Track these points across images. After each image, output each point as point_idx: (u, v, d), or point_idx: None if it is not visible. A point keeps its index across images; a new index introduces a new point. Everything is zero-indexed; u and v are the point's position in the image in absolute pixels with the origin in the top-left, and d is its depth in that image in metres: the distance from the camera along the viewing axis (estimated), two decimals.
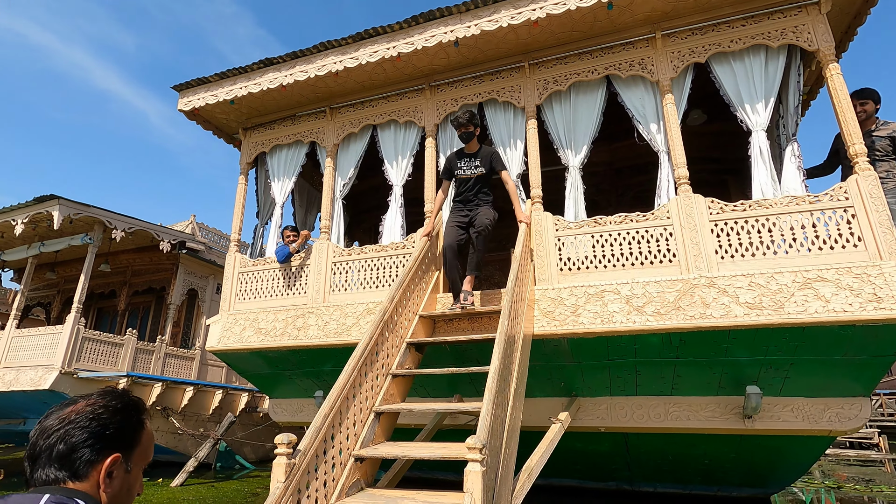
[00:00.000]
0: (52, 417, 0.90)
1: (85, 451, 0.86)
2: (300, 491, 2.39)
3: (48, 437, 0.86)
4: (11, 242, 9.90)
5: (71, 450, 0.86)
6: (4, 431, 9.95)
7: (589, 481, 6.44)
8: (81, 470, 0.86)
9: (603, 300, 3.76)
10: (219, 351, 5.10)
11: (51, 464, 0.85)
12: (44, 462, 0.86)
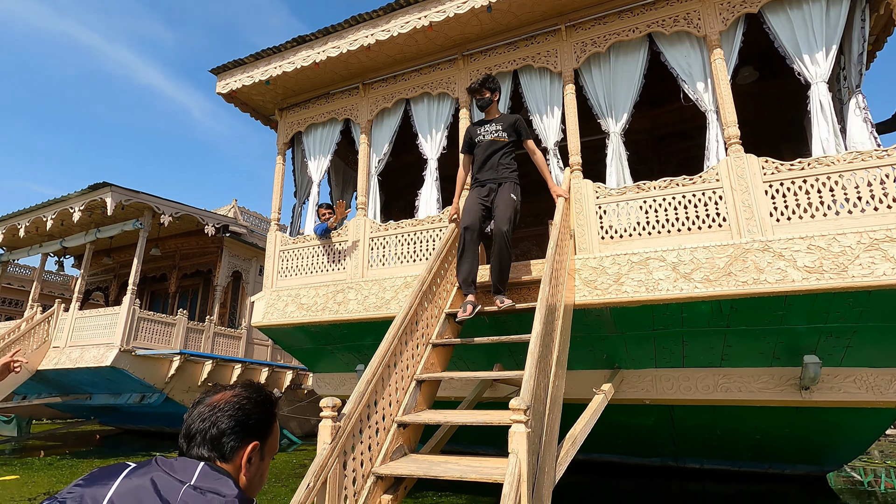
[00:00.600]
0: (203, 404, 1.05)
1: (231, 437, 1.00)
2: (346, 453, 2.43)
3: (203, 422, 1.01)
4: (70, 229, 10.50)
5: (220, 434, 1.00)
6: (73, 406, 10.71)
7: (632, 457, 6.34)
8: (228, 454, 1.00)
9: (647, 268, 3.63)
10: (263, 326, 5.26)
11: (204, 444, 0.99)
12: (198, 442, 1.00)
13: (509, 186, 3.64)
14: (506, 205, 3.56)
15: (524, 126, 3.80)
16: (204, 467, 0.93)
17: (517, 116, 3.82)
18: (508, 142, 3.75)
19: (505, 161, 3.72)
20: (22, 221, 10.10)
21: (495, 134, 3.76)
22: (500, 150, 3.72)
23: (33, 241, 11.33)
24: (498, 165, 3.71)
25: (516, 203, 3.60)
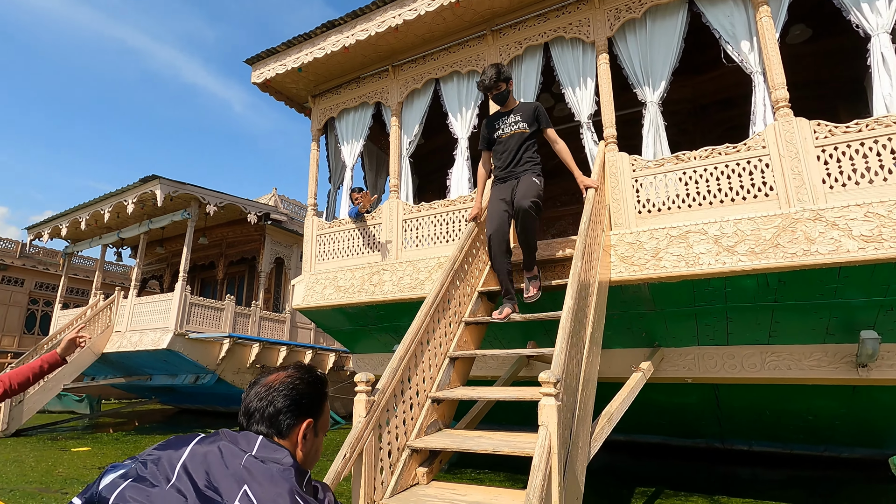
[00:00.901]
0: (259, 384, 1.12)
1: (287, 415, 1.08)
2: (381, 426, 2.49)
3: (260, 401, 1.09)
4: (126, 221, 11.12)
5: (277, 412, 1.07)
6: (136, 386, 11.47)
7: (675, 438, 6.20)
8: (285, 430, 1.07)
9: (687, 242, 3.48)
10: (303, 308, 5.43)
11: (262, 422, 1.07)
12: (257, 419, 1.08)
13: (531, 174, 3.46)
14: (528, 185, 3.38)
15: (544, 114, 3.58)
16: (263, 440, 1.03)
17: (536, 104, 3.62)
18: (530, 132, 3.54)
19: (528, 155, 3.51)
20: (83, 215, 10.77)
21: (515, 126, 3.55)
22: (523, 144, 3.51)
23: (94, 234, 12.08)
24: (520, 160, 3.50)
25: (539, 187, 3.40)
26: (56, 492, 4.64)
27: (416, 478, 2.65)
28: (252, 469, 0.96)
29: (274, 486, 0.94)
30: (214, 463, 0.96)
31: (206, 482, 0.93)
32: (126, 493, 0.91)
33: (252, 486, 0.93)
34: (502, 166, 3.58)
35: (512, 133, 3.56)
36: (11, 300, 17.56)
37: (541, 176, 3.48)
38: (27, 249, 18.55)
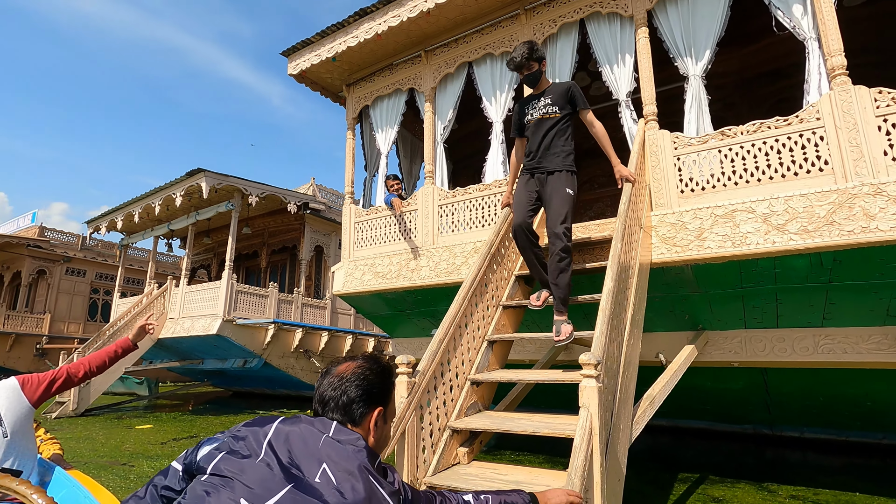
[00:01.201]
0: (331, 374, 1.21)
1: (360, 404, 1.17)
2: (422, 407, 2.56)
3: (333, 390, 1.17)
4: (175, 213, 11.66)
5: (350, 402, 1.16)
6: (189, 370, 12.13)
7: (721, 423, 6.05)
8: (358, 419, 1.17)
9: (734, 221, 3.35)
10: (343, 294, 5.58)
11: (336, 410, 1.16)
12: (331, 408, 1.17)
13: (563, 178, 3.07)
14: (560, 200, 3.00)
15: (579, 94, 3.19)
16: (337, 425, 1.13)
17: (570, 83, 3.24)
18: (561, 116, 3.16)
19: (558, 142, 3.14)
20: (136, 208, 11.36)
21: (545, 110, 3.19)
22: (553, 129, 3.15)
23: (146, 226, 12.74)
24: (549, 149, 3.15)
25: (572, 198, 3.03)
26: (124, 465, 5.01)
27: (457, 457, 2.71)
28: (329, 450, 1.05)
29: (348, 466, 1.03)
30: (296, 443, 1.05)
31: (288, 459, 1.03)
32: (221, 464, 1.03)
33: (329, 465, 1.03)
34: (530, 155, 3.27)
35: (541, 118, 3.21)
36: (75, 290, 18.81)
37: (573, 173, 3.12)
38: (87, 242, 19.77)
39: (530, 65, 3.19)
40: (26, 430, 2.11)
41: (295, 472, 1.01)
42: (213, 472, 1.03)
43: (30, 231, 19.42)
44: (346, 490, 1.00)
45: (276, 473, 1.01)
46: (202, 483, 1.03)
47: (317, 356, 10.44)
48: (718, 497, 3.86)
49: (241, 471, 1.01)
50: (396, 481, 1.14)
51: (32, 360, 16.74)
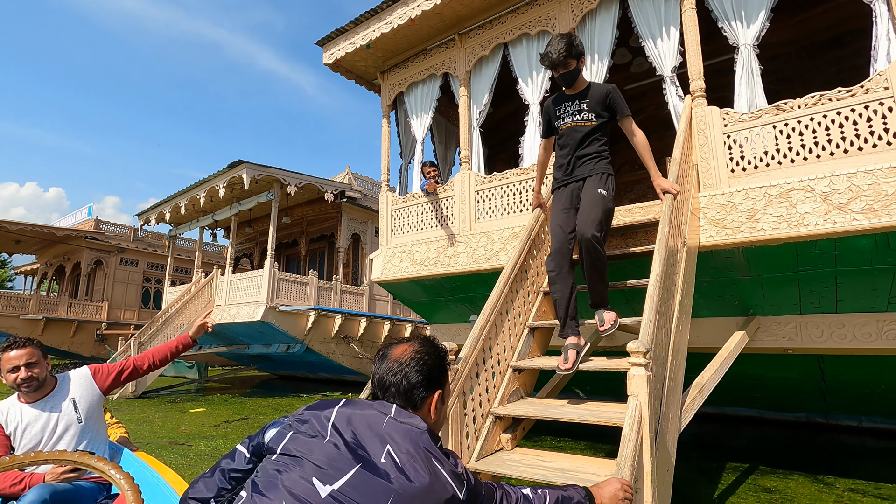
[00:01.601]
0: (389, 359, 1.23)
1: (421, 389, 1.20)
2: (465, 393, 2.56)
3: (394, 375, 1.20)
4: (219, 205, 12.07)
5: (412, 387, 1.19)
6: (236, 355, 12.64)
7: (771, 411, 5.84)
8: (418, 402, 1.21)
9: (790, 200, 3.17)
10: (382, 281, 5.65)
11: (398, 396, 1.19)
12: (392, 393, 1.20)
13: (596, 179, 2.82)
14: (591, 202, 2.73)
15: (620, 100, 2.88)
16: (397, 407, 1.16)
17: (609, 87, 2.91)
18: (598, 125, 2.86)
19: (592, 151, 2.87)
20: (182, 200, 11.82)
21: (578, 116, 2.88)
22: (588, 139, 2.86)
23: (192, 217, 13.25)
24: (583, 159, 2.87)
25: (606, 199, 2.76)
26: (182, 445, 5.29)
27: (500, 443, 2.72)
28: (392, 432, 1.08)
29: (411, 448, 1.06)
30: (359, 425, 1.09)
31: (353, 439, 1.06)
32: (290, 444, 1.07)
33: (393, 446, 1.06)
34: (561, 167, 2.96)
35: (573, 125, 2.90)
36: (129, 279, 19.87)
37: (610, 176, 2.85)
38: (138, 234, 20.78)
39: (567, 63, 2.81)
40: (98, 416, 2.26)
41: (361, 452, 1.04)
42: (282, 452, 1.07)
43: (86, 224, 20.58)
44: (409, 472, 1.02)
45: (344, 453, 1.04)
46: (273, 462, 1.06)
47: (356, 341, 10.68)
48: (770, 487, 3.73)
49: (309, 450, 1.04)
50: (459, 465, 1.15)
51: (94, 345, 17.86)
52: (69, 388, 2.20)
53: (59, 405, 2.15)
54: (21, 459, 1.32)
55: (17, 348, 2.08)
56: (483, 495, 1.17)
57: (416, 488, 1.01)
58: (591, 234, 2.66)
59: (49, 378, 2.18)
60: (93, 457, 1.34)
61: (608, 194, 2.78)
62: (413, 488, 1.01)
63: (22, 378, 2.06)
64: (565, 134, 2.95)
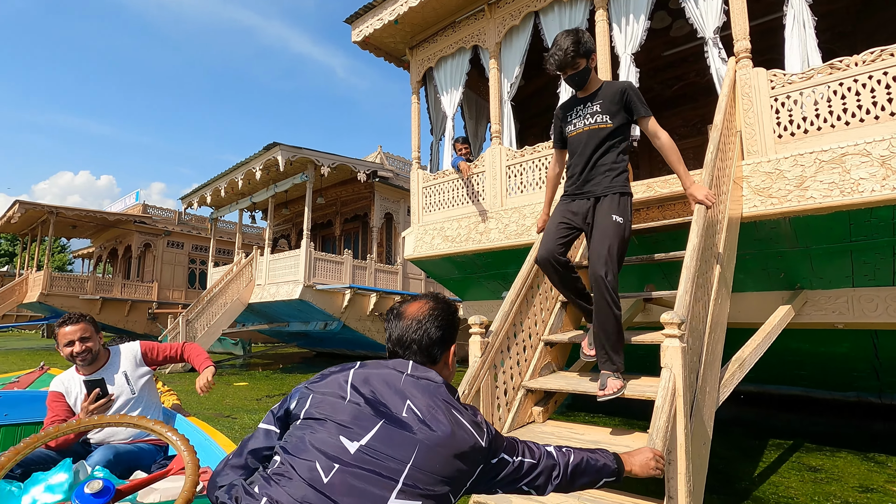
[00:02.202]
0: (405, 318, 1.26)
1: (440, 344, 1.24)
2: (496, 366, 2.57)
3: (414, 333, 1.23)
4: (256, 187, 12.38)
5: (432, 344, 1.23)
6: (277, 332, 13.10)
7: (819, 390, 5.60)
8: (437, 357, 1.25)
9: (843, 166, 2.97)
10: (414, 259, 5.69)
11: (420, 352, 1.23)
12: (414, 350, 1.23)
13: (611, 202, 2.45)
14: (603, 233, 2.40)
15: (638, 98, 2.52)
16: (413, 363, 1.19)
17: (625, 84, 2.56)
18: (615, 127, 2.52)
19: (607, 161, 2.52)
20: (221, 184, 12.19)
21: (591, 119, 2.55)
22: (604, 145, 2.53)
23: (231, 200, 13.66)
24: (596, 168, 2.53)
25: (623, 228, 2.41)
26: (227, 417, 5.58)
27: (531, 416, 2.73)
28: (411, 387, 1.12)
29: (431, 401, 1.10)
30: (377, 383, 1.12)
31: (373, 397, 1.09)
32: (312, 409, 1.10)
33: (413, 400, 1.09)
34: (572, 178, 2.63)
35: (588, 129, 2.56)
36: (176, 261, 20.80)
37: (627, 196, 2.51)
38: (183, 217, 21.65)
39: (576, 63, 2.47)
40: (150, 387, 2.42)
41: (382, 408, 1.07)
42: (306, 417, 1.09)
43: (135, 209, 21.59)
44: (431, 423, 1.06)
45: (366, 411, 1.07)
46: (298, 427, 1.09)
47: None
48: (816, 466, 3.61)
49: (333, 412, 1.07)
50: (479, 416, 1.17)
51: (146, 323, 18.91)
52: (120, 362, 2.35)
53: (112, 377, 2.29)
54: (86, 422, 1.43)
55: (71, 324, 2.22)
56: (504, 446, 1.19)
57: (440, 437, 1.05)
58: (603, 273, 2.32)
59: (102, 351, 2.33)
60: (149, 420, 1.45)
61: (624, 221, 2.43)
62: (437, 437, 1.04)
63: (76, 351, 2.20)
64: (577, 140, 2.62)
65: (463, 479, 1.08)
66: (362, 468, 1.00)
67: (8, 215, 17.40)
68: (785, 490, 3.14)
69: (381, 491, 0.98)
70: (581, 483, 1.30)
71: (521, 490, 1.23)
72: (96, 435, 2.22)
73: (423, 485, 1.01)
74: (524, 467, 1.20)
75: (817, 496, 3.02)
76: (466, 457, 1.07)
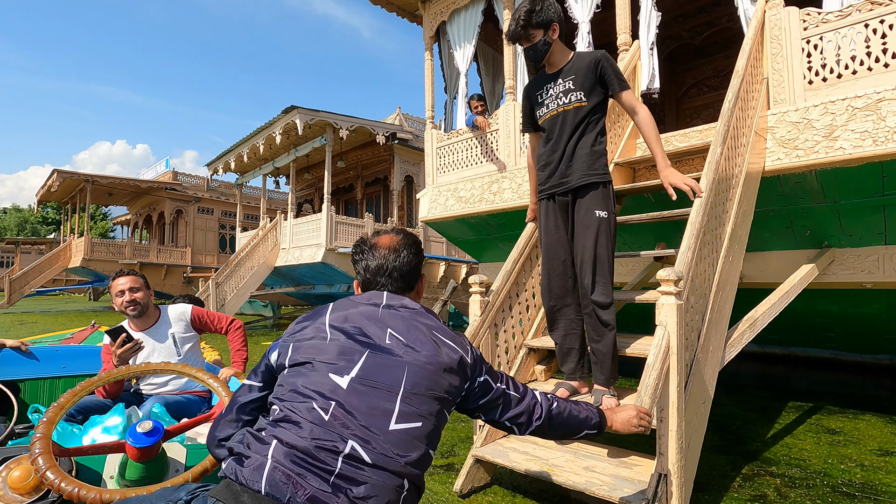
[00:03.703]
0: (381, 247, 1.29)
1: (416, 272, 1.30)
2: (496, 325, 2.56)
3: (394, 261, 1.27)
4: (277, 152, 12.46)
5: (412, 269, 1.28)
6: (303, 294, 13.46)
7: (848, 353, 5.42)
8: (413, 284, 1.30)
9: (878, 113, 2.74)
10: (429, 220, 5.66)
11: (400, 278, 1.27)
12: (395, 277, 1.27)
13: (593, 196, 2.19)
14: (587, 233, 2.17)
15: (612, 69, 2.22)
16: (388, 294, 1.22)
17: (597, 55, 2.23)
18: (591, 106, 2.22)
19: (585, 144, 2.22)
20: (243, 149, 12.32)
21: (565, 99, 2.25)
22: (579, 127, 2.23)
23: (255, 165, 13.83)
24: (575, 155, 2.23)
25: (608, 222, 2.18)
26: None
27: (534, 374, 2.73)
28: (387, 317, 1.15)
29: (410, 325, 1.14)
30: (356, 318, 1.14)
31: (354, 330, 1.12)
32: (297, 355, 1.12)
33: (393, 327, 1.13)
34: (547, 166, 2.33)
35: (560, 110, 2.27)
36: (207, 226, 21.42)
37: (608, 185, 2.24)
38: (210, 184, 22.11)
39: (529, 34, 2.19)
40: (195, 348, 2.55)
41: (365, 339, 1.10)
42: (292, 364, 1.11)
43: (165, 176, 22.15)
44: (415, 345, 1.10)
45: (350, 345, 1.09)
46: (287, 376, 1.10)
47: None
48: (835, 428, 3.52)
49: (317, 353, 1.09)
50: (460, 335, 1.21)
51: (182, 286, 19.73)
52: (170, 322, 2.47)
53: (161, 336, 2.42)
54: (135, 369, 1.61)
55: (123, 276, 2.38)
56: (488, 369, 1.23)
57: (426, 356, 1.09)
58: (590, 280, 2.13)
59: (153, 310, 2.45)
60: (194, 368, 1.63)
61: (609, 214, 2.19)
62: (423, 357, 1.08)
63: (127, 301, 2.32)
64: (551, 124, 2.32)
65: (454, 395, 1.12)
66: (359, 399, 1.02)
67: (48, 184, 18.15)
68: (798, 452, 3.08)
69: (381, 419, 1.00)
70: (562, 431, 1.30)
71: (504, 425, 1.26)
72: (147, 387, 2.38)
73: (419, 405, 1.04)
74: (508, 397, 1.24)
75: (831, 458, 2.95)
76: (454, 372, 1.11)
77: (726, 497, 2.37)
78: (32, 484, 1.28)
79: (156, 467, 1.39)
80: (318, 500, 0.91)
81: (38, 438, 1.23)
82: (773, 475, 2.68)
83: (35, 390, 2.63)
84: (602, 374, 2.22)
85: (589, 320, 2.23)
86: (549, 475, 2.00)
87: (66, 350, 2.86)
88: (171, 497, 1.03)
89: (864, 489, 2.52)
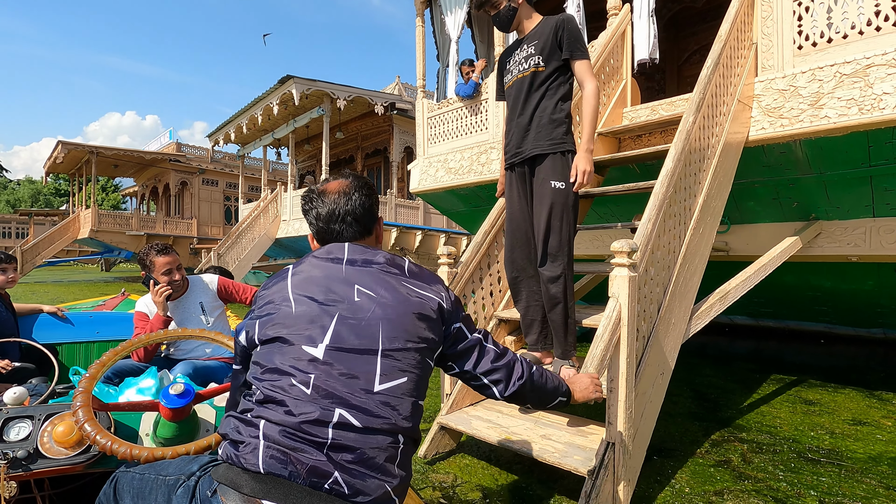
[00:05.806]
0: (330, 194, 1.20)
1: (370, 215, 1.22)
2: (466, 296, 2.58)
3: (346, 204, 1.19)
4: (277, 123, 12.36)
5: (366, 211, 1.21)
6: None
7: (841, 326, 5.39)
8: (371, 227, 1.23)
9: (866, 79, 2.63)
10: (419, 192, 5.63)
11: (355, 223, 1.19)
12: (349, 222, 1.19)
13: (552, 164, 2.14)
14: (545, 203, 2.13)
15: (573, 31, 2.14)
16: (349, 246, 1.14)
17: (561, 18, 2.18)
18: (551, 72, 2.17)
19: (543, 112, 2.17)
20: (242, 120, 12.23)
21: (525, 65, 2.22)
22: (537, 91, 2.18)
23: (255, 136, 13.75)
24: (528, 124, 2.20)
25: (566, 193, 2.12)
26: None
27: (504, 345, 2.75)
28: (354, 274, 1.09)
29: (378, 278, 1.08)
30: (319, 280, 1.08)
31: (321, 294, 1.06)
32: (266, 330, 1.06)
33: (360, 284, 1.07)
34: (508, 134, 2.34)
35: (520, 76, 2.23)
36: (212, 198, 21.50)
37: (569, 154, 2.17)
38: (214, 155, 22.08)
39: (494, 0, 2.21)
40: (222, 317, 2.60)
41: (332, 302, 1.04)
42: (263, 341, 1.05)
43: (169, 147, 22.13)
44: (386, 297, 1.05)
45: (317, 310, 1.03)
46: (261, 353, 1.05)
47: (412, 254, 11.01)
48: (812, 400, 3.53)
49: (286, 324, 1.03)
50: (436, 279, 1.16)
51: (189, 257, 19.97)
52: (198, 292, 2.50)
53: (190, 306, 2.46)
54: (170, 333, 1.72)
55: (166, 254, 2.34)
56: (465, 317, 1.18)
57: (399, 308, 1.04)
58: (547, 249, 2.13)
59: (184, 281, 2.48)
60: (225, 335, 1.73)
61: (566, 186, 2.13)
62: (396, 309, 1.04)
63: (175, 279, 2.34)
64: (513, 91, 2.29)
65: (433, 344, 1.08)
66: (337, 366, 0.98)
67: (54, 156, 18.24)
68: (771, 420, 3.11)
69: (364, 382, 0.97)
70: (539, 396, 1.26)
71: (482, 382, 1.20)
72: (177, 352, 2.45)
73: (400, 359, 1.01)
74: (484, 348, 1.19)
75: (803, 426, 2.98)
76: (430, 319, 1.07)
77: (690, 462, 2.41)
78: (76, 438, 1.33)
79: (187, 427, 1.43)
80: (318, 469, 0.91)
81: (80, 392, 1.28)
82: (741, 441, 2.72)
83: (71, 354, 2.73)
84: (559, 347, 2.25)
85: (544, 292, 2.23)
86: (507, 442, 2.04)
87: (99, 316, 2.95)
88: (184, 469, 1.04)
89: (830, 455, 2.55)
